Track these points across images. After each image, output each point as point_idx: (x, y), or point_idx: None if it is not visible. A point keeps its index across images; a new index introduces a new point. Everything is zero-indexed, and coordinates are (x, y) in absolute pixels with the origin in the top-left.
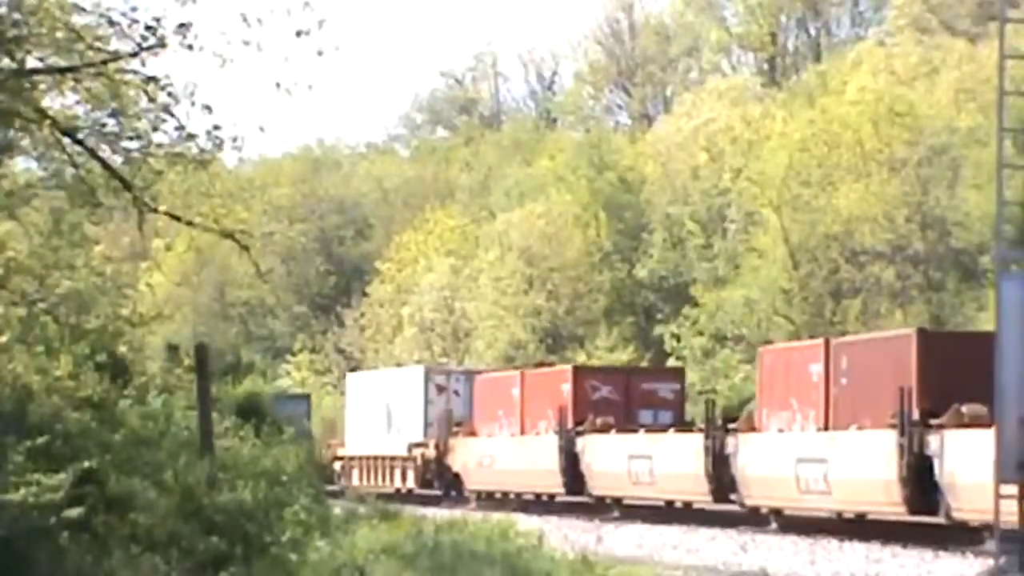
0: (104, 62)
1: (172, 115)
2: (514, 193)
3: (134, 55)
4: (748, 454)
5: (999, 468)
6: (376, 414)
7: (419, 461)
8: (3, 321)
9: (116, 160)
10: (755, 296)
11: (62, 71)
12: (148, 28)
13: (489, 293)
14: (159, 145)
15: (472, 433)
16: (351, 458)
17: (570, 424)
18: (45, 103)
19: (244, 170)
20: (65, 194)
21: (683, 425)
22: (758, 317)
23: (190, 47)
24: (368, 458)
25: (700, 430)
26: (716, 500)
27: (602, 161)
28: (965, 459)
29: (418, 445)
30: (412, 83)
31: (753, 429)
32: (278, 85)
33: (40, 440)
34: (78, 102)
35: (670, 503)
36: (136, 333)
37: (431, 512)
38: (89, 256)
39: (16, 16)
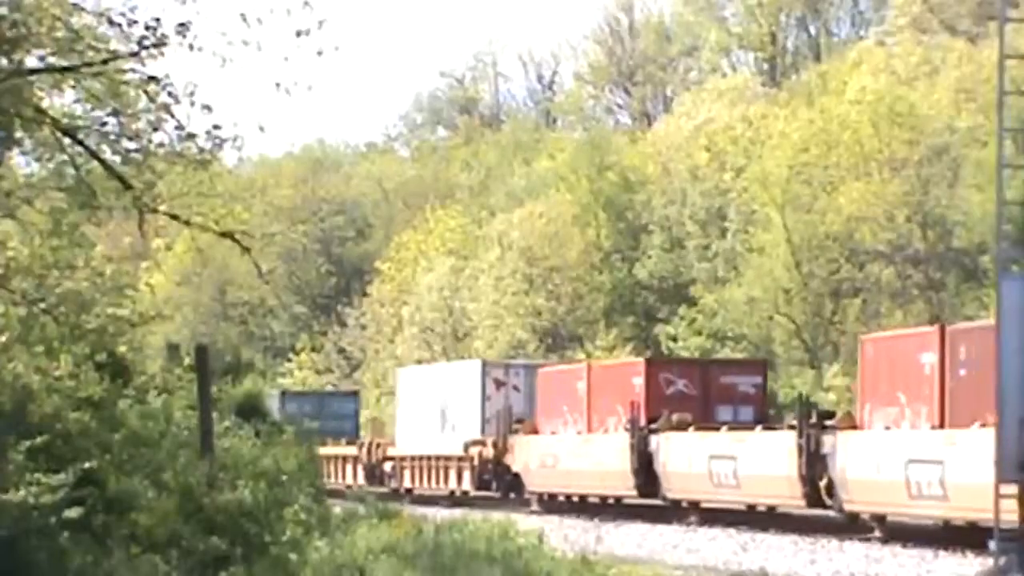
0: (104, 62)
1: (172, 115)
2: (514, 193)
3: (134, 55)
4: (849, 454)
5: (999, 468)
6: (429, 411)
7: (476, 461)
8: (3, 321)
9: (116, 160)
10: (757, 295)
11: (62, 71)
12: (148, 28)
13: (489, 293)
14: (159, 145)
15: (534, 431)
16: (402, 458)
17: (643, 421)
18: (45, 103)
19: (244, 170)
20: (65, 194)
21: (767, 422)
22: (759, 316)
23: (190, 47)
24: (421, 458)
25: (792, 427)
26: (810, 505)
27: (602, 161)
28: None
29: (475, 444)
30: (412, 83)
31: (854, 427)
32: (278, 85)
33: (40, 440)
34: (78, 102)
35: (753, 507)
36: (136, 333)
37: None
38: (89, 256)
39: (16, 16)
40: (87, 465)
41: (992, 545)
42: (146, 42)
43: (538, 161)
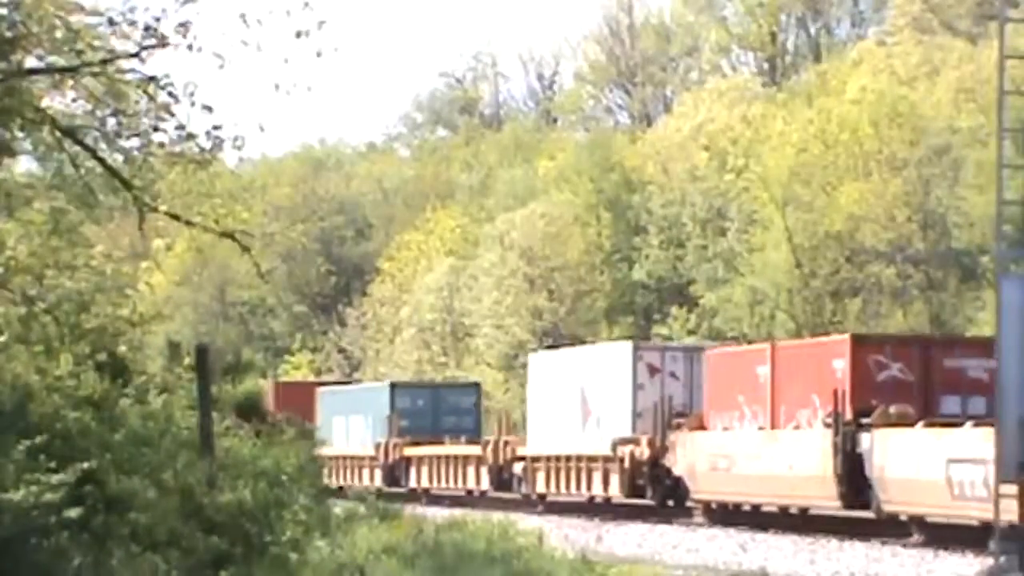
0: (104, 62)
1: (172, 115)
2: (514, 193)
3: (134, 55)
4: None
5: (999, 468)
6: (568, 403)
7: (626, 463)
8: (3, 321)
9: (116, 160)
10: (758, 294)
11: (62, 71)
12: (148, 28)
13: (490, 293)
14: (159, 145)
15: (700, 426)
16: (535, 459)
17: (848, 414)
18: (45, 103)
19: (244, 170)
20: (65, 194)
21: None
22: (760, 315)
23: (190, 47)
24: (558, 459)
25: None
26: None
27: (607, 161)
28: None
29: (625, 442)
30: (412, 83)
31: None
32: (277, 87)
33: (40, 439)
34: (78, 102)
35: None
36: (136, 333)
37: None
38: (89, 256)
39: (15, 16)
40: (87, 465)
41: (992, 545)
42: (146, 42)
43: (538, 161)
